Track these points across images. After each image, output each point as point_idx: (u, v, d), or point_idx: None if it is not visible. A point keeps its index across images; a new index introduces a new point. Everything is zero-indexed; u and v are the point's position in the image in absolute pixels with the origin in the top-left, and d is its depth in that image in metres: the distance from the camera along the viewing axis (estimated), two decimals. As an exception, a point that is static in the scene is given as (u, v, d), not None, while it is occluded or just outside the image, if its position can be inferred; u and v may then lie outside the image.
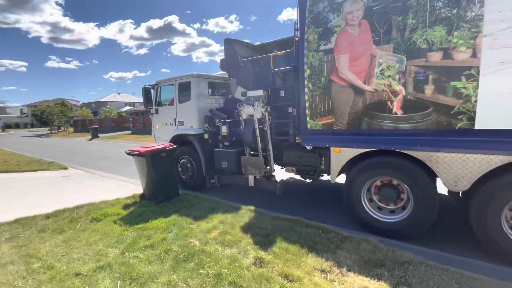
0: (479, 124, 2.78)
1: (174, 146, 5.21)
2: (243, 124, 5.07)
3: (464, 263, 2.81)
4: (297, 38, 4.04)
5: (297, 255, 2.87)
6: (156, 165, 4.75)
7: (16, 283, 2.48)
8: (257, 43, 6.69)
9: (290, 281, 2.44)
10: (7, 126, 55.69)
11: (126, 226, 3.72)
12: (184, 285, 2.41)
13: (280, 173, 5.48)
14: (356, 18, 3.41)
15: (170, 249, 3.01)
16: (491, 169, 2.78)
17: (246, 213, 4.11)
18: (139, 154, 4.70)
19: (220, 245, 3.11)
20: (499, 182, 2.81)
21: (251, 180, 5.09)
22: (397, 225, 3.45)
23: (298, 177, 5.28)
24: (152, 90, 6.82)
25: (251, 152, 5.21)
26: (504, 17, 2.57)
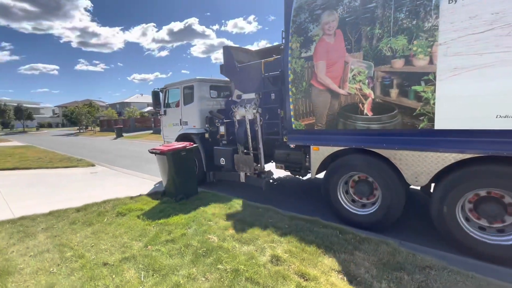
0: (438, 125, 3.02)
1: (194, 145, 5.40)
2: (236, 124, 5.48)
3: (490, 269, 2.68)
4: (282, 46, 4.46)
5: (314, 254, 2.87)
6: (177, 163, 4.93)
7: (51, 269, 2.70)
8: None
9: (306, 280, 2.46)
10: (41, 126, 59.78)
11: (149, 221, 3.90)
12: (203, 279, 2.50)
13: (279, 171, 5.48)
14: (332, 28, 3.77)
15: (190, 244, 3.14)
16: (446, 166, 3.05)
17: (263, 212, 4.16)
18: (161, 153, 4.91)
19: (238, 242, 3.19)
20: (453, 178, 3.06)
21: (242, 177, 5.51)
22: (365, 218, 3.79)
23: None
24: (160, 93, 7.43)
25: (245, 151, 5.53)
26: (456, 27, 2.82)
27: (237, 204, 4.56)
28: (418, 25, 3.07)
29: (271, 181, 5.19)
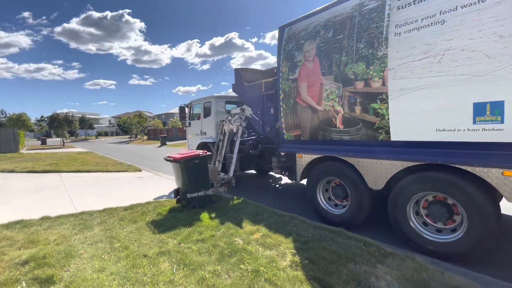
0: (393, 137, 3.55)
1: (208, 153, 5.41)
2: (221, 137, 6.19)
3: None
4: (275, 70, 5.47)
5: (334, 263, 2.92)
6: (190, 170, 4.95)
7: (103, 256, 3.20)
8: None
9: (323, 286, 2.54)
10: (99, 134, 67.52)
11: (183, 222, 4.30)
12: (226, 276, 2.74)
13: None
14: (311, 55, 4.51)
15: (217, 245, 3.42)
16: (396, 172, 3.53)
17: (288, 220, 4.28)
18: (174, 160, 5.06)
19: (261, 246, 3.38)
20: (402, 183, 3.53)
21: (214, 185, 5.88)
22: (341, 217, 4.34)
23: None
24: (186, 108, 8.80)
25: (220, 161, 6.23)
26: (400, 55, 3.40)
27: (264, 211, 4.75)
28: (373, 53, 3.68)
29: (222, 190, 5.77)
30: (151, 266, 2.93)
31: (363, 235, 3.65)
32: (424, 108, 3.25)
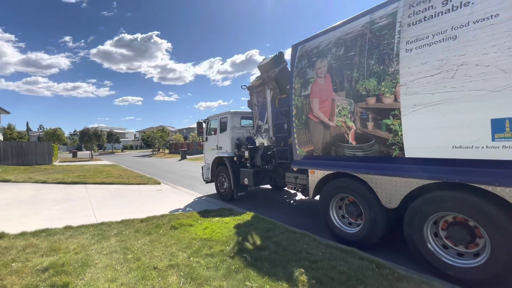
0: (408, 154, 3.43)
1: None
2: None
3: None
4: (288, 86, 5.50)
5: (342, 285, 2.82)
6: None
7: (116, 266, 3.33)
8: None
9: (329, 308, 2.45)
10: (125, 148, 70.95)
11: (195, 236, 4.38)
12: (231, 292, 2.74)
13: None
14: (323, 72, 4.57)
15: (225, 260, 3.43)
16: (411, 190, 3.41)
17: (299, 238, 4.21)
18: None
19: (268, 263, 3.34)
20: (418, 201, 3.37)
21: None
22: (355, 236, 4.20)
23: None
24: (204, 123, 9.01)
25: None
26: (412, 71, 3.38)
27: (275, 227, 4.70)
28: (384, 69, 3.67)
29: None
30: (160, 279, 3.00)
31: (379, 257, 3.50)
32: (439, 124, 3.16)
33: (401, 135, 3.48)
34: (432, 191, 3.28)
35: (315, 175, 4.81)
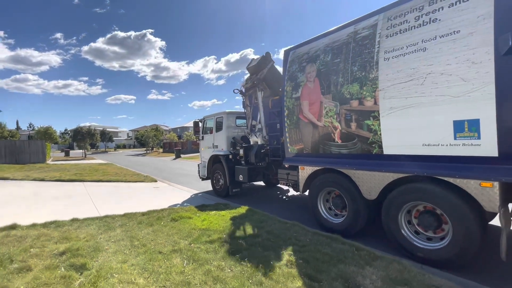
0: (386, 151, 3.90)
1: None
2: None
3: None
4: (278, 85, 6.20)
5: (325, 263, 3.26)
6: None
7: (125, 251, 3.70)
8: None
9: (313, 281, 2.88)
10: (118, 146, 70.33)
11: (194, 226, 4.76)
12: (229, 270, 3.14)
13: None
14: (312, 76, 5.00)
15: (223, 245, 3.83)
16: (388, 183, 3.88)
17: (290, 227, 4.64)
18: None
19: (262, 248, 3.75)
20: (393, 193, 3.85)
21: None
22: (340, 225, 4.68)
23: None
24: (200, 123, 9.42)
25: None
26: (389, 78, 3.81)
27: (268, 219, 5.12)
28: (365, 75, 4.10)
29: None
30: (165, 260, 3.39)
31: (360, 243, 3.92)
32: (411, 125, 3.61)
33: (380, 134, 3.92)
34: (405, 183, 3.75)
35: (305, 171, 5.26)
